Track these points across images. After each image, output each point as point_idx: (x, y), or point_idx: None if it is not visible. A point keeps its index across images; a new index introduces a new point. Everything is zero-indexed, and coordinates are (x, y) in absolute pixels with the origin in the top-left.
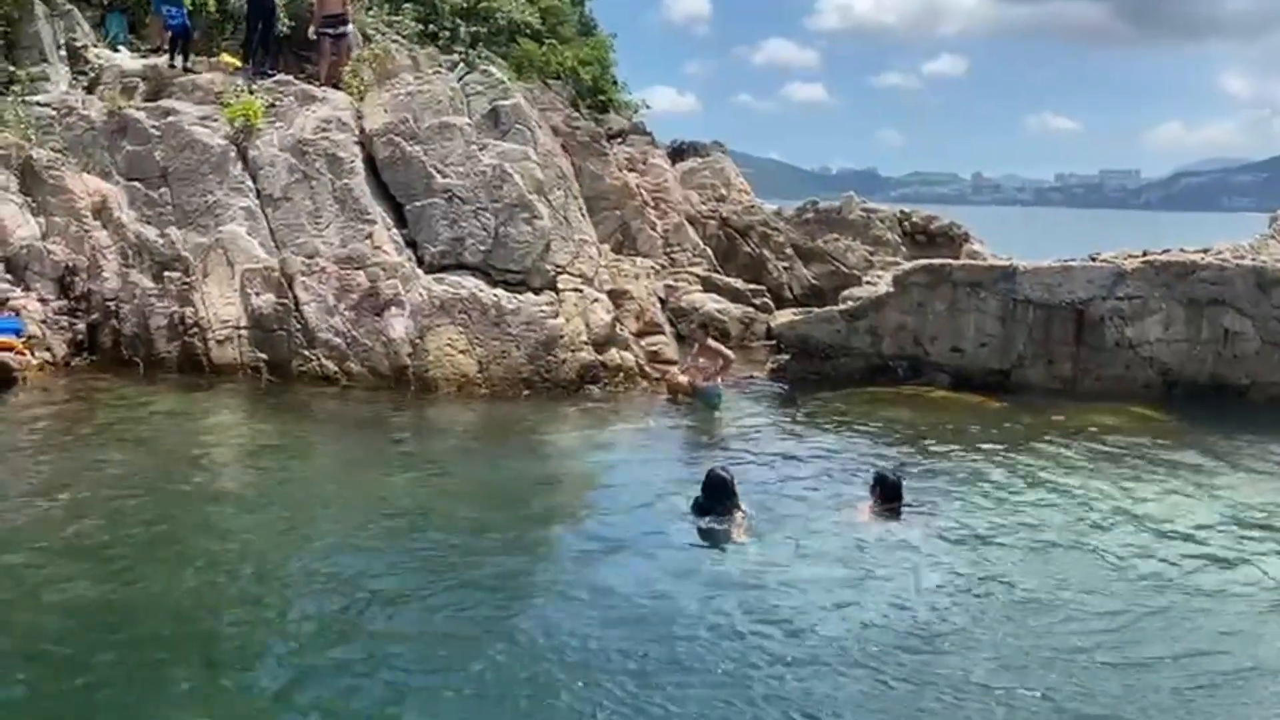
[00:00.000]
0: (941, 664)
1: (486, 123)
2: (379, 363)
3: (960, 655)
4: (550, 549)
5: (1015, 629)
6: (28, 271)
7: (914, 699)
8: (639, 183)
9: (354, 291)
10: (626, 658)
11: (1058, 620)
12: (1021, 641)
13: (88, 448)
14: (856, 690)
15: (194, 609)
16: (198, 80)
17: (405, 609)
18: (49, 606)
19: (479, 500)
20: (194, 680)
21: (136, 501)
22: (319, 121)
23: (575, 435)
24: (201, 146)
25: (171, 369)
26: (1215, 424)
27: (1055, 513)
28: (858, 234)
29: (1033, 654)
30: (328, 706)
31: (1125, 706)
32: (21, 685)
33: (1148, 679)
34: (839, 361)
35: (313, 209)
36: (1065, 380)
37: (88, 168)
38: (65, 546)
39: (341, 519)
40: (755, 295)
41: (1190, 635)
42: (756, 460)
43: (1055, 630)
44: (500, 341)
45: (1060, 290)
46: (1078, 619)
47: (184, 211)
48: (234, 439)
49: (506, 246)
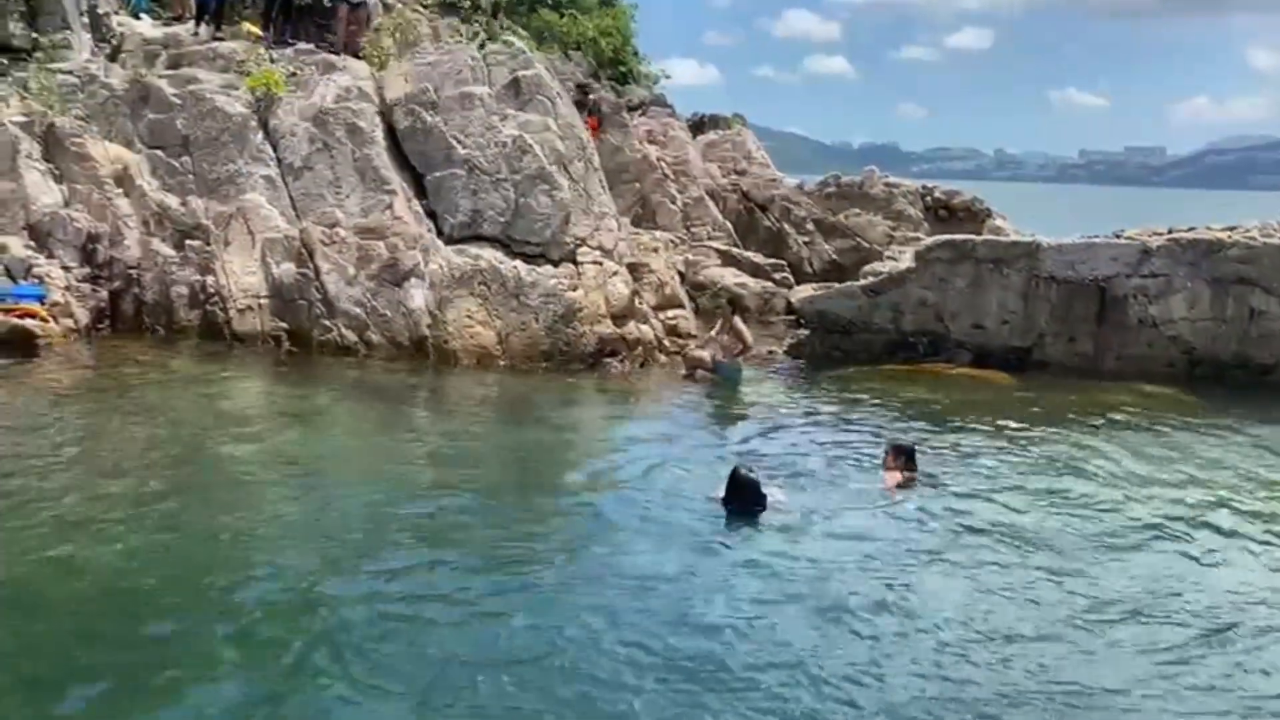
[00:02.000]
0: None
1: (507, 93)
2: (398, 333)
3: (1012, 645)
4: (569, 524)
5: (1050, 619)
6: (51, 239)
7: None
8: (659, 155)
9: (374, 262)
10: (654, 641)
11: (1088, 609)
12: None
13: (110, 415)
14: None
15: (216, 574)
16: (219, 49)
17: (422, 581)
18: (71, 571)
19: (497, 473)
20: (215, 647)
21: (157, 469)
22: (340, 91)
23: (594, 409)
24: (223, 115)
25: (192, 337)
26: (1239, 403)
27: (1075, 492)
28: (879, 209)
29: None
30: (350, 675)
31: (1154, 684)
32: (47, 653)
33: (1167, 658)
34: (859, 337)
35: (333, 179)
36: (1087, 358)
37: (110, 136)
38: (87, 513)
39: (360, 488)
40: (775, 270)
41: (1205, 610)
42: (776, 437)
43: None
44: (519, 313)
45: (1083, 267)
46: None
47: (205, 180)
48: (253, 407)
49: (526, 218)
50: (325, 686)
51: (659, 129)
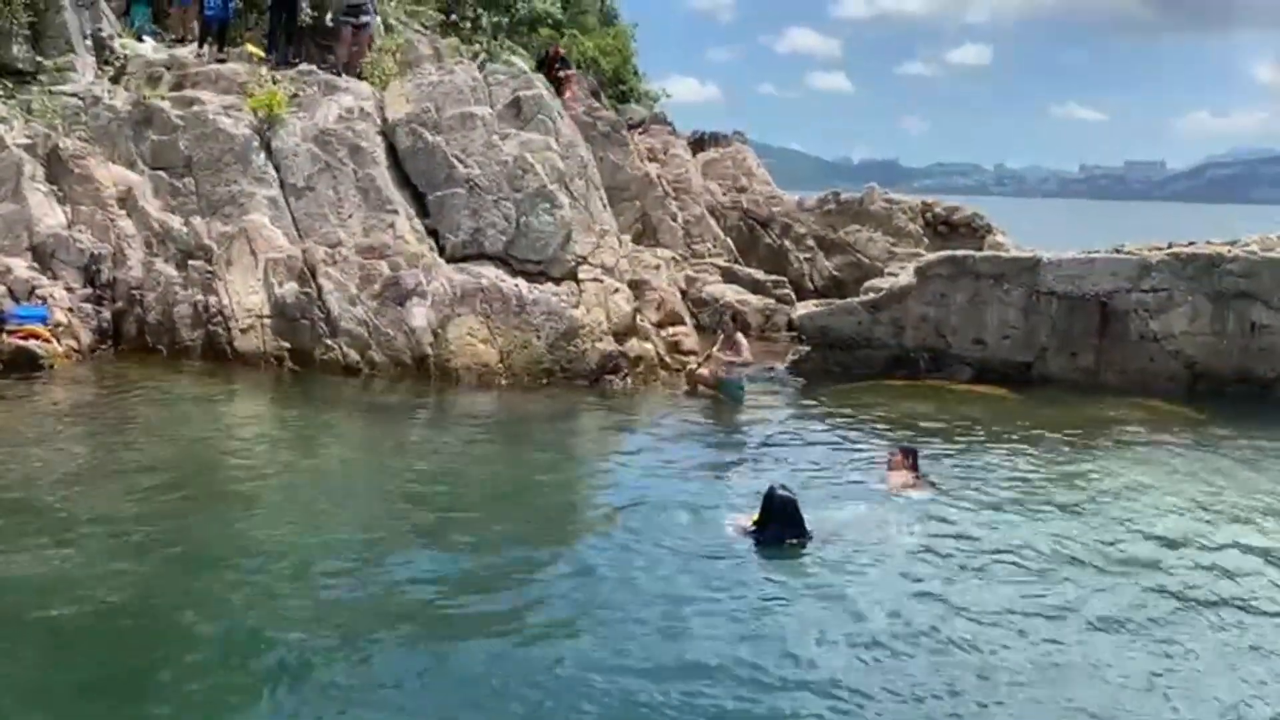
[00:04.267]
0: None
1: (508, 113)
2: (401, 352)
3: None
4: (572, 545)
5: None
6: (54, 260)
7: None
8: (660, 173)
9: (376, 281)
10: (658, 669)
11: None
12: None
13: (113, 435)
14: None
15: (217, 596)
16: (221, 70)
17: (425, 601)
18: (75, 592)
19: (500, 493)
20: (214, 669)
21: (160, 490)
22: (342, 111)
23: (597, 427)
24: (225, 136)
25: (195, 357)
26: (1241, 418)
27: (1079, 508)
28: (879, 225)
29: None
30: (347, 696)
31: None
32: (49, 672)
33: (1168, 666)
34: (860, 353)
35: (335, 198)
36: (1088, 373)
37: (113, 157)
38: (90, 533)
39: (363, 510)
40: (776, 286)
41: (1206, 630)
42: (781, 453)
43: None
44: (521, 331)
45: (1084, 282)
46: (1122, 622)
47: (208, 201)
48: (257, 427)
49: (528, 236)
50: (324, 708)
51: (659, 147)
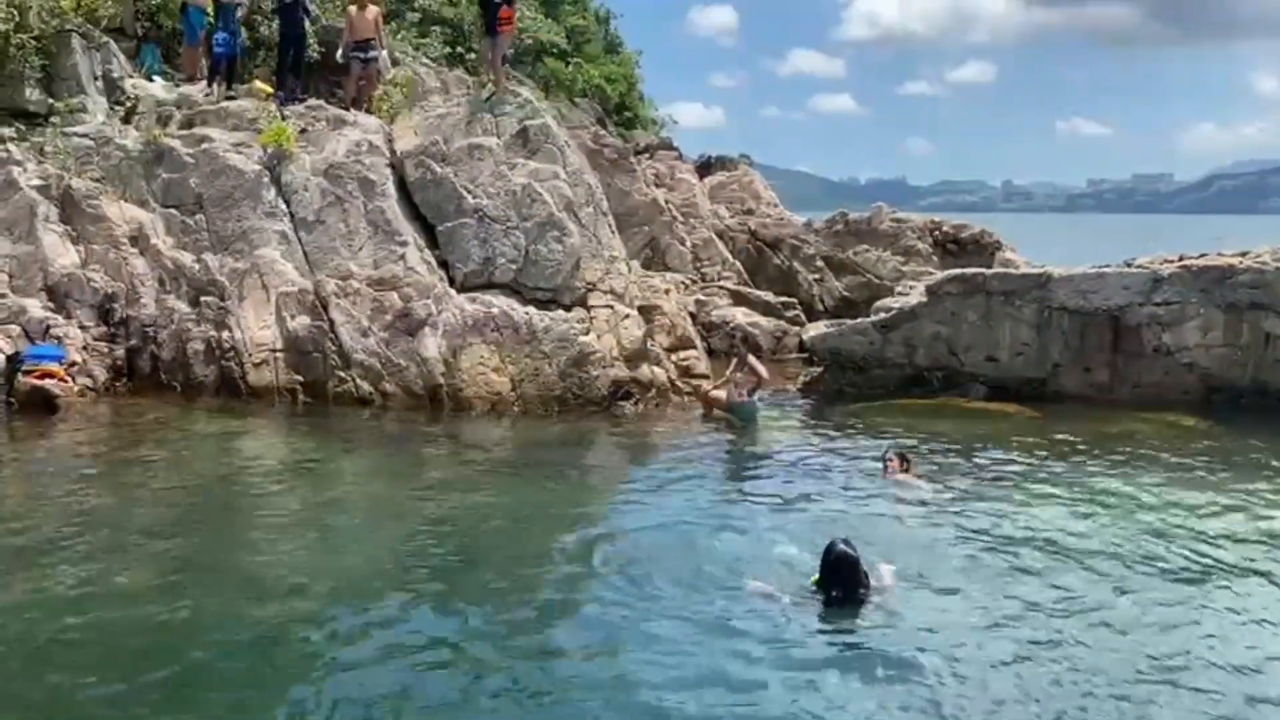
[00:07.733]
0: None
1: (516, 142)
2: (413, 382)
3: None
4: (590, 580)
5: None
6: (69, 299)
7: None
8: (667, 198)
9: (387, 312)
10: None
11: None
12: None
13: (130, 472)
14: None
15: (233, 630)
16: (231, 108)
17: (440, 635)
18: (87, 628)
19: (516, 524)
20: (228, 702)
21: (177, 525)
22: (350, 145)
23: (610, 454)
24: (236, 172)
25: (209, 393)
26: (1257, 431)
27: (1097, 524)
28: (888, 244)
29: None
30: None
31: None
32: (64, 710)
33: (1184, 684)
34: (873, 373)
35: (346, 231)
36: (1103, 388)
37: (125, 196)
38: (108, 569)
39: (378, 542)
40: (786, 308)
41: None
42: (797, 478)
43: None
44: (532, 359)
45: (1095, 297)
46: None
47: (219, 237)
48: (272, 461)
49: (537, 265)
50: None
51: (666, 172)
